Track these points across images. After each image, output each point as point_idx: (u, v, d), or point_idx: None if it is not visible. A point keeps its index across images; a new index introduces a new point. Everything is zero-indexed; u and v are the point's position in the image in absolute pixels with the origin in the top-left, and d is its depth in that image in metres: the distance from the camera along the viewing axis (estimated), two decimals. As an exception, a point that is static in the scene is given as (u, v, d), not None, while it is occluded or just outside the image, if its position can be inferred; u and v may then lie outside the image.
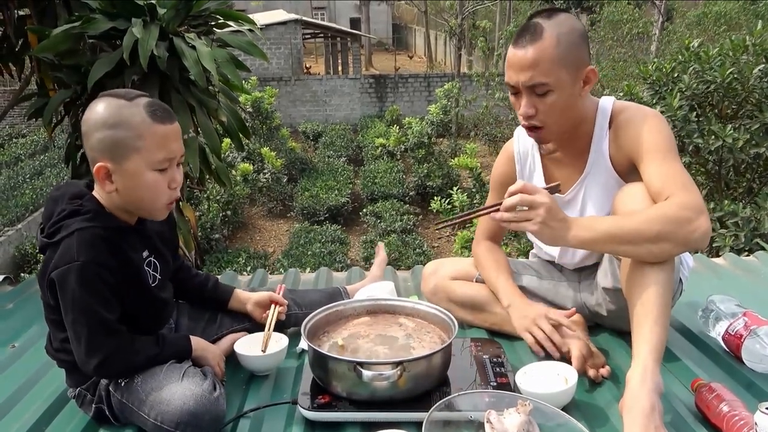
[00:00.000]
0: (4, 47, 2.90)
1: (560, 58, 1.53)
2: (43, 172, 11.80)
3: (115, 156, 1.37)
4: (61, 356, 1.47)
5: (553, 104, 1.57)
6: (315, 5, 30.16)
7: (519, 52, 1.55)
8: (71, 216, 1.38)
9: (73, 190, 1.44)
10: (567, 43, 1.54)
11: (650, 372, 1.36)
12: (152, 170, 1.39)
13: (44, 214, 1.44)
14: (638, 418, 1.29)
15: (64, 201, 1.42)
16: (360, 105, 18.33)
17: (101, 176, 1.39)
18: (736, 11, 13.52)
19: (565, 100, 1.58)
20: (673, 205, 1.44)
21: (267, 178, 11.20)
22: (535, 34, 1.54)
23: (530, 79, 1.54)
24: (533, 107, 1.58)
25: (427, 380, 1.47)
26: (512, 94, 1.63)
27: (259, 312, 1.78)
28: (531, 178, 1.84)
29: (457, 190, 7.05)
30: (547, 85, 1.55)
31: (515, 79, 1.57)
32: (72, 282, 1.33)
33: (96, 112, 1.37)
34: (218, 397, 1.39)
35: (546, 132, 1.63)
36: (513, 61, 1.57)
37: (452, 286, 1.92)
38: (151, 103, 1.40)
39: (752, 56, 4.12)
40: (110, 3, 2.51)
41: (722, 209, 3.75)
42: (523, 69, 1.55)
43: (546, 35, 1.53)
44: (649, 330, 1.42)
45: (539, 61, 1.53)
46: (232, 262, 8.58)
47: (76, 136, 2.71)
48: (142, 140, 1.36)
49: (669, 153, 1.54)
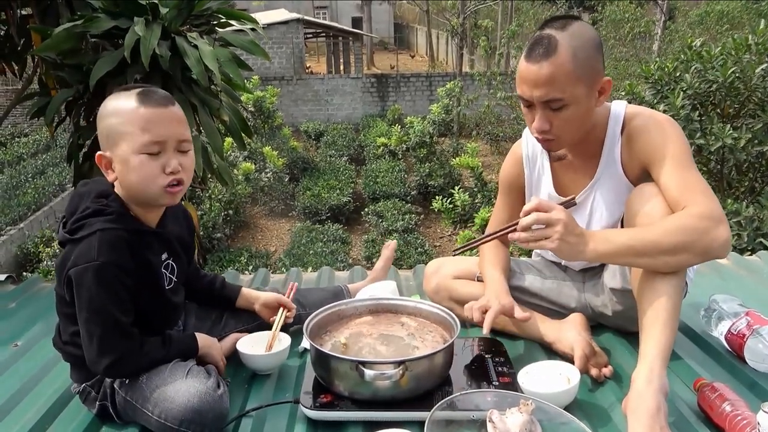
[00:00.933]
0: (7, 46, 2.91)
1: (576, 73, 1.49)
2: (45, 171, 11.80)
3: (110, 144, 1.39)
4: (69, 349, 1.47)
5: (568, 118, 1.54)
6: (317, 4, 30.17)
7: (533, 68, 1.50)
8: (95, 215, 1.39)
9: (100, 188, 1.44)
10: (583, 57, 1.50)
11: (656, 373, 1.36)
12: (138, 154, 1.37)
13: (68, 208, 1.45)
14: (643, 419, 1.29)
15: (89, 198, 1.42)
16: (362, 104, 18.33)
17: (103, 165, 1.41)
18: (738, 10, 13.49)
19: (581, 113, 1.55)
20: (692, 215, 1.41)
21: (269, 177, 11.20)
22: (550, 48, 1.48)
23: (545, 95, 1.51)
24: (548, 122, 1.54)
25: (430, 380, 1.47)
26: (525, 106, 1.59)
27: (266, 312, 1.78)
28: (539, 182, 1.82)
29: (458, 190, 7.04)
30: (563, 100, 1.51)
31: (529, 94, 1.53)
32: (89, 281, 1.34)
33: (102, 105, 1.42)
34: (222, 395, 1.40)
35: (558, 143, 1.62)
36: (526, 76, 1.52)
37: (454, 285, 1.92)
38: (146, 90, 1.40)
39: (755, 55, 4.11)
40: (113, 2, 2.51)
41: (725, 209, 3.74)
42: (538, 85, 1.50)
43: (561, 50, 1.48)
44: (659, 333, 1.41)
45: (555, 77, 1.48)
46: (234, 261, 8.58)
47: (79, 135, 2.71)
48: (128, 125, 1.37)
49: (685, 161, 1.51)
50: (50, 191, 10.75)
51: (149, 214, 1.47)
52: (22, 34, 2.81)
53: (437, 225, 10.69)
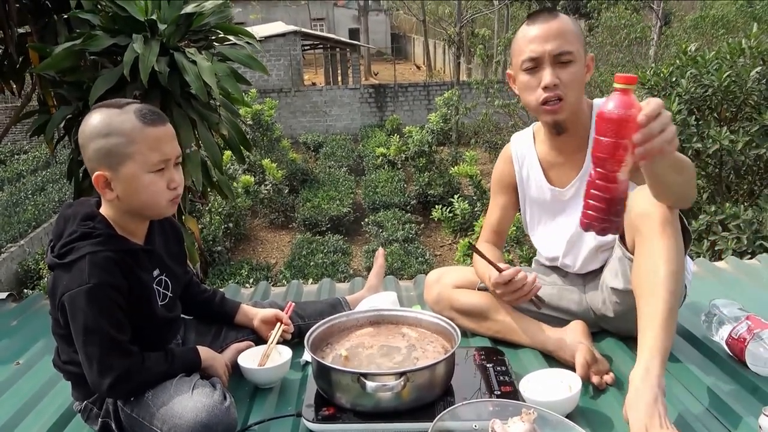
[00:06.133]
0: (5, 65, 2.92)
1: (576, 34, 1.69)
2: (45, 187, 11.83)
3: (112, 163, 1.39)
4: (69, 368, 1.48)
5: (574, 75, 1.67)
6: (314, 16, 30.30)
7: (543, 25, 1.67)
8: (83, 238, 1.39)
9: (85, 210, 1.45)
10: (577, 27, 1.71)
11: (654, 372, 1.36)
12: (148, 173, 1.40)
13: (54, 231, 1.46)
14: (642, 409, 1.30)
15: (75, 221, 1.43)
16: (360, 115, 18.38)
17: (101, 185, 1.41)
18: (733, 14, 13.56)
19: (581, 74, 1.69)
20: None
21: (268, 189, 11.21)
22: (553, 13, 1.70)
23: (558, 47, 1.64)
24: (557, 77, 1.65)
25: (431, 390, 1.47)
26: (527, 71, 1.69)
27: (265, 329, 1.79)
28: (529, 179, 1.91)
29: (458, 198, 7.06)
30: (572, 54, 1.65)
31: (540, 50, 1.65)
32: (83, 304, 1.34)
33: (89, 123, 1.40)
34: (229, 407, 1.40)
35: (565, 104, 1.69)
36: (537, 34, 1.67)
37: (455, 294, 1.93)
38: (141, 108, 1.42)
39: (749, 59, 4.13)
40: (111, 19, 2.53)
41: (724, 212, 3.74)
42: (549, 39, 1.65)
43: (561, 15, 1.70)
44: (656, 334, 1.42)
45: (564, 31, 1.66)
46: (235, 274, 8.58)
47: (78, 152, 2.72)
48: (134, 145, 1.38)
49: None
50: (50, 208, 10.76)
51: (137, 230, 1.49)
52: (20, 52, 2.83)
53: (437, 234, 10.69)
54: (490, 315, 1.86)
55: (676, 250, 1.48)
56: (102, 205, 1.47)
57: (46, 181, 12.28)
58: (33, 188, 11.72)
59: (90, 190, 2.66)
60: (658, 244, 1.48)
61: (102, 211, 1.46)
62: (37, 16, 2.75)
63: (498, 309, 1.85)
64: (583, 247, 1.83)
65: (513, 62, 1.78)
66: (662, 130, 1.21)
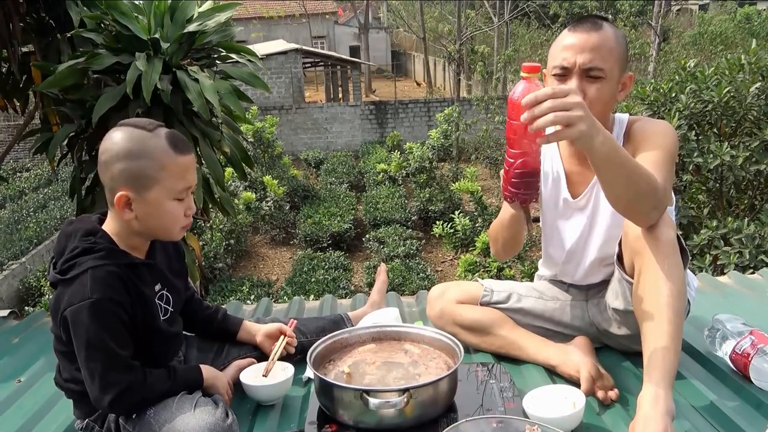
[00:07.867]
0: (9, 83, 2.94)
1: (615, 52, 1.63)
2: (47, 205, 11.83)
3: (138, 186, 1.40)
4: (71, 386, 1.47)
5: (600, 93, 1.62)
6: (315, 34, 30.51)
7: (582, 35, 1.62)
8: (84, 254, 1.40)
9: (87, 226, 1.45)
10: (620, 43, 1.65)
11: (662, 396, 1.36)
12: (172, 199, 1.43)
13: (56, 248, 1.46)
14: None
15: (77, 237, 1.43)
16: (361, 131, 18.44)
17: (121, 204, 1.40)
18: (731, 30, 13.66)
19: (609, 94, 1.64)
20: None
21: (269, 206, 11.22)
22: (597, 24, 1.63)
23: (589, 62, 1.60)
24: (583, 91, 1.60)
25: (434, 407, 1.47)
26: (557, 77, 1.65)
27: (268, 344, 1.79)
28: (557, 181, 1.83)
29: (459, 214, 7.06)
30: (602, 71, 1.61)
31: (572, 60, 1.61)
32: (85, 319, 1.34)
33: (117, 143, 1.39)
34: (231, 425, 1.39)
35: None
36: (573, 43, 1.63)
37: (458, 309, 1.92)
38: (172, 134, 1.43)
39: (748, 74, 4.15)
40: (114, 38, 2.55)
41: (726, 226, 3.74)
42: (584, 51, 1.60)
43: (606, 28, 1.63)
44: (663, 354, 1.42)
45: (601, 46, 1.60)
46: (236, 290, 8.56)
47: (81, 169, 2.73)
48: (164, 171, 1.40)
49: (664, 158, 1.57)
50: (52, 225, 10.77)
51: (140, 246, 1.50)
52: (23, 70, 2.85)
53: (438, 250, 10.67)
54: (493, 330, 1.85)
55: (677, 269, 1.48)
56: (107, 222, 1.47)
57: (47, 198, 12.30)
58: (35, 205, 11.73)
59: (92, 208, 2.67)
60: (658, 264, 1.48)
61: (106, 226, 1.46)
62: (41, 34, 2.77)
63: (501, 324, 1.84)
64: (585, 257, 1.82)
65: (548, 64, 1.73)
66: (553, 110, 1.25)
